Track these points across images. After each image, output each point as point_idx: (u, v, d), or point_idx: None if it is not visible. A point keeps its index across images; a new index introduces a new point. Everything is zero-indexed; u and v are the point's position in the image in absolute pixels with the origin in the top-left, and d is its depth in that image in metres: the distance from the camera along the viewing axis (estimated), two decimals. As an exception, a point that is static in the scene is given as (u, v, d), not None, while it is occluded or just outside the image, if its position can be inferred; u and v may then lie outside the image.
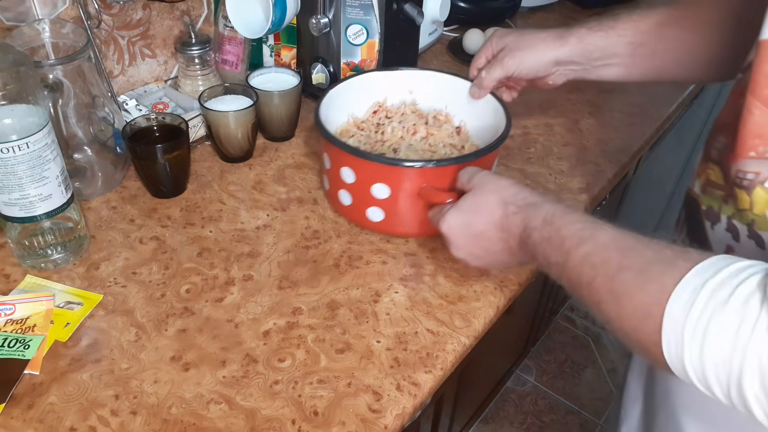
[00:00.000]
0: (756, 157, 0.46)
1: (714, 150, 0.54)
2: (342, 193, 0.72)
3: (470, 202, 0.58)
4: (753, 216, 0.47)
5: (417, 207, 0.69)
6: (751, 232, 0.48)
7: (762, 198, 0.46)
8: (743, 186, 0.48)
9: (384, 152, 0.76)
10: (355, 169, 0.69)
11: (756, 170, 0.46)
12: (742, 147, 0.47)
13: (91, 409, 0.56)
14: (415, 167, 0.66)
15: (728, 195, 0.51)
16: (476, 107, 0.80)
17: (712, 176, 0.53)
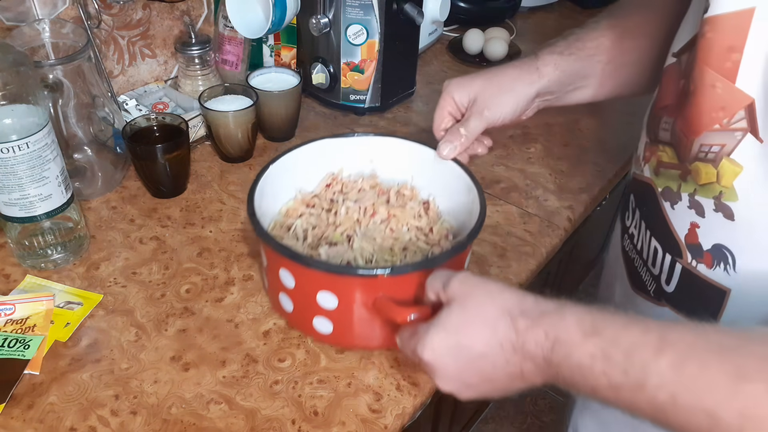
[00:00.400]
0: (720, 129, 0.46)
1: (662, 131, 0.53)
2: (282, 298, 0.60)
3: (457, 318, 0.46)
4: (720, 188, 0.47)
5: (375, 318, 0.57)
6: (717, 205, 0.48)
7: (729, 169, 0.46)
8: (708, 159, 0.47)
9: (336, 240, 0.63)
10: (294, 273, 0.56)
11: (721, 142, 0.46)
12: (704, 121, 0.47)
13: (91, 409, 0.56)
14: (365, 276, 0.54)
15: (685, 172, 0.50)
16: (446, 180, 0.67)
17: (664, 158, 0.53)
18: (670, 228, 0.53)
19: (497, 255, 0.74)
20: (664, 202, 0.54)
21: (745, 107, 0.44)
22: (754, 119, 0.44)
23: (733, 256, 0.49)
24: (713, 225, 0.49)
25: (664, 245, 0.55)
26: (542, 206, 0.83)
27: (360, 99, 0.98)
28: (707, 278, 0.51)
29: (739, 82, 0.44)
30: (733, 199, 0.47)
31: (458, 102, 0.67)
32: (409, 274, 0.54)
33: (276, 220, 0.67)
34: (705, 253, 0.51)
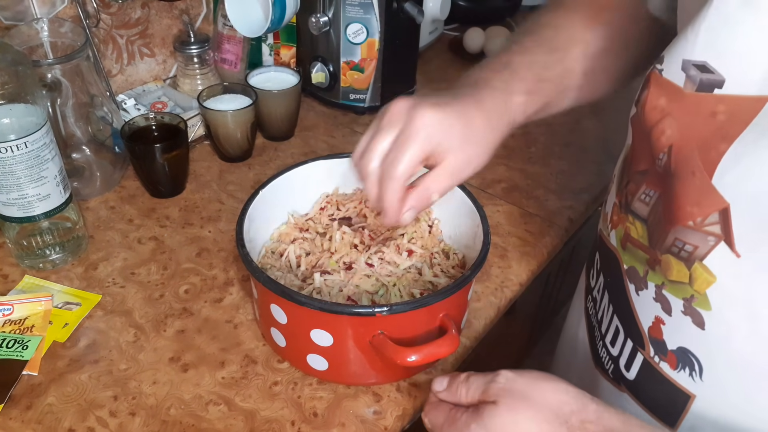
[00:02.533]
0: (694, 228, 0.39)
1: (639, 203, 0.45)
2: (275, 333, 0.58)
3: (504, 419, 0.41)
4: (692, 291, 0.41)
5: (373, 356, 0.54)
6: (687, 308, 0.42)
7: (702, 276, 0.40)
8: (680, 257, 0.41)
9: (332, 268, 0.61)
10: (285, 309, 0.54)
11: (694, 243, 0.39)
12: (681, 212, 0.40)
13: (89, 410, 0.55)
14: (362, 315, 0.51)
15: (654, 261, 0.44)
16: (447, 202, 0.63)
17: (633, 232, 0.46)
18: (634, 314, 0.47)
19: (498, 255, 0.74)
20: (629, 283, 0.47)
21: (719, 210, 0.37)
22: (728, 228, 0.37)
23: (700, 364, 0.43)
24: (680, 327, 0.43)
25: (626, 329, 0.49)
26: (543, 206, 0.82)
27: (360, 98, 0.98)
28: (670, 378, 0.46)
29: (716, 179, 0.37)
30: (706, 308, 0.41)
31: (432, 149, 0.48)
32: (408, 313, 0.51)
33: (267, 246, 0.65)
34: (669, 352, 0.45)
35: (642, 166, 0.45)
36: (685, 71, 0.39)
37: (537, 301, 1.22)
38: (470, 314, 0.66)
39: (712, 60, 0.37)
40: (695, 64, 0.38)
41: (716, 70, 0.37)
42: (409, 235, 0.65)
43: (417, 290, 0.60)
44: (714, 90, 0.37)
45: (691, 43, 0.38)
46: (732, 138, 0.36)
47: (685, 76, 0.39)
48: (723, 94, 0.37)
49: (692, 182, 0.39)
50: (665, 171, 0.41)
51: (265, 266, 0.63)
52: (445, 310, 0.54)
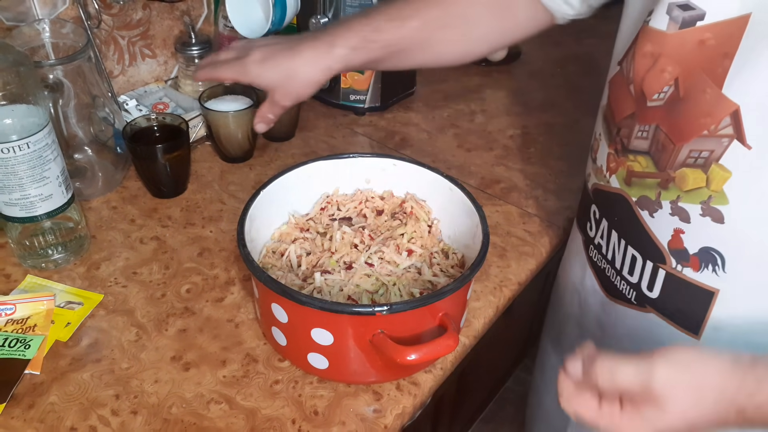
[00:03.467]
0: (709, 135, 0.46)
1: (637, 140, 0.52)
2: (275, 332, 0.58)
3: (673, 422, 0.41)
4: (710, 192, 0.47)
5: (373, 355, 0.54)
6: (705, 209, 0.48)
7: (718, 174, 0.46)
8: (697, 165, 0.47)
9: (332, 267, 0.61)
10: (286, 309, 0.55)
11: (710, 148, 0.46)
12: (694, 126, 0.47)
13: (91, 409, 0.56)
14: (362, 314, 0.52)
15: (666, 180, 0.50)
16: (446, 202, 0.66)
17: (637, 167, 0.53)
18: (650, 236, 0.53)
19: (497, 255, 0.74)
20: (640, 210, 0.54)
21: (730, 114, 0.44)
22: (740, 126, 0.44)
23: (722, 257, 0.49)
24: (700, 229, 0.49)
25: (644, 253, 0.55)
26: (542, 206, 0.83)
27: (360, 99, 0.98)
28: (694, 281, 0.52)
29: (726, 88, 0.44)
30: (724, 203, 0.47)
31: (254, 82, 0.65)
32: (408, 312, 0.51)
33: (268, 245, 0.66)
34: (691, 257, 0.51)
35: (627, 111, 0.53)
36: (669, 14, 0.46)
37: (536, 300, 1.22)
38: (469, 313, 0.66)
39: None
40: (678, 4, 0.45)
41: (697, 5, 0.44)
42: (409, 235, 0.65)
43: (417, 290, 0.60)
44: (696, 23, 0.45)
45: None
46: (732, 54, 0.43)
47: (669, 19, 0.46)
48: (705, 24, 0.44)
49: (703, 98, 0.45)
50: (671, 101, 0.48)
51: (266, 266, 0.63)
52: (444, 309, 0.55)
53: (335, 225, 0.67)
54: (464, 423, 1.34)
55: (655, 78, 0.49)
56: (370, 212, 0.69)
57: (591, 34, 1.29)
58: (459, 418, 1.23)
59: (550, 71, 1.19)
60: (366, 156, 0.70)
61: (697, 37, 0.45)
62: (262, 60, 0.64)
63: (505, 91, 1.10)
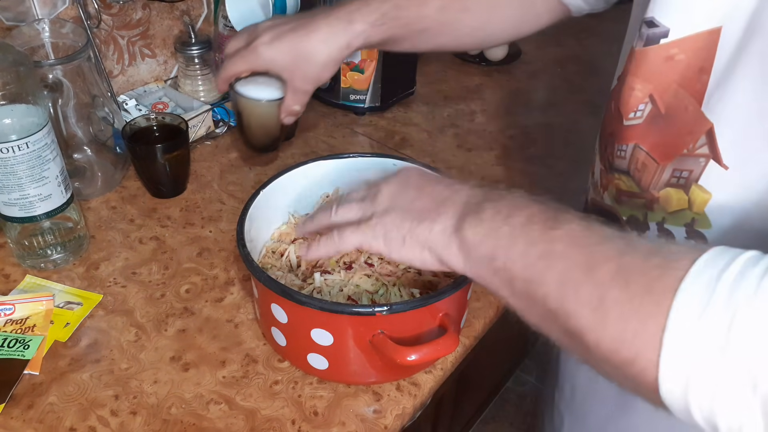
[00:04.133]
0: (688, 154, 0.44)
1: (618, 159, 0.50)
2: (275, 332, 0.58)
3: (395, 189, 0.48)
4: (692, 215, 0.46)
5: (373, 356, 0.55)
6: (689, 233, 0.46)
7: (699, 196, 0.45)
8: (679, 185, 0.46)
9: (332, 268, 0.61)
10: (285, 309, 0.54)
11: (689, 168, 0.45)
12: (678, 144, 0.45)
13: (90, 410, 0.55)
14: (362, 314, 0.52)
15: (651, 201, 0.48)
16: None
17: (623, 186, 0.51)
18: None
19: (497, 255, 0.74)
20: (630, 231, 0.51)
21: (705, 132, 0.43)
22: (714, 145, 0.43)
23: None
24: None
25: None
26: (542, 206, 0.82)
27: (360, 99, 0.98)
28: None
29: (704, 105, 0.43)
30: (707, 227, 0.45)
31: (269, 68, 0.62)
32: (408, 312, 0.51)
33: (268, 245, 0.66)
34: None
35: (609, 129, 0.52)
36: (639, 30, 0.45)
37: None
38: (470, 314, 0.66)
39: (658, 14, 0.43)
40: (645, 21, 0.44)
41: (661, 23, 0.43)
42: None
43: (416, 290, 0.60)
44: (660, 41, 0.43)
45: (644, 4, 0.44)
46: (708, 69, 0.42)
47: (637, 35, 0.45)
48: (670, 40, 0.43)
49: (686, 115, 0.44)
50: (652, 117, 0.47)
51: (266, 266, 0.63)
52: (444, 309, 0.55)
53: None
54: (464, 423, 1.34)
55: (626, 96, 0.48)
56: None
57: (591, 34, 1.29)
58: (459, 419, 1.23)
59: (550, 71, 1.19)
60: (366, 156, 0.69)
61: (662, 54, 0.44)
62: (272, 41, 0.60)
63: (505, 91, 1.10)
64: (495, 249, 0.40)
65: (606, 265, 0.34)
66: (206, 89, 0.97)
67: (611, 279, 0.34)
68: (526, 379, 1.67)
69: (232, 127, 0.95)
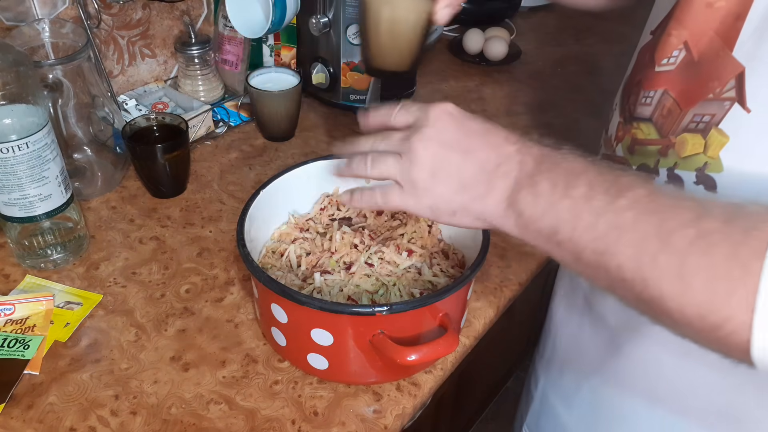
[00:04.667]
0: (713, 98, 0.45)
1: (641, 107, 0.52)
2: (275, 332, 0.58)
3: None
4: (706, 158, 0.46)
5: (373, 356, 0.55)
6: (699, 177, 0.47)
7: (716, 139, 0.45)
8: (697, 129, 0.47)
9: (332, 268, 0.61)
10: (285, 309, 0.54)
11: (712, 112, 0.45)
12: (702, 90, 0.46)
13: (90, 410, 0.55)
14: (362, 314, 0.51)
15: (666, 146, 0.49)
16: None
17: (640, 134, 0.52)
18: None
19: (497, 255, 0.74)
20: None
21: (735, 76, 0.44)
22: (742, 88, 0.44)
23: None
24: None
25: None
26: (542, 206, 0.82)
27: (360, 99, 0.98)
28: None
29: (736, 50, 0.43)
30: (718, 170, 0.46)
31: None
32: (408, 312, 0.51)
33: (268, 245, 0.66)
34: None
35: (637, 77, 0.52)
36: None
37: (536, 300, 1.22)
38: (470, 314, 0.66)
39: None
40: None
41: None
42: (409, 235, 0.65)
43: (417, 290, 0.60)
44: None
45: None
46: (743, 15, 0.42)
47: None
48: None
49: (716, 61, 0.44)
50: (684, 64, 0.47)
51: (266, 266, 0.63)
52: (444, 309, 0.55)
53: (335, 225, 0.66)
54: (465, 423, 1.34)
55: (663, 42, 0.49)
56: (369, 212, 0.69)
57: (591, 34, 1.29)
58: (459, 419, 1.23)
59: (550, 71, 1.19)
60: None
61: (705, 1, 0.45)
62: None
63: (505, 91, 1.10)
64: (557, 223, 0.40)
65: (683, 231, 0.35)
66: (206, 89, 0.97)
67: (690, 245, 0.34)
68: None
69: (232, 127, 0.95)
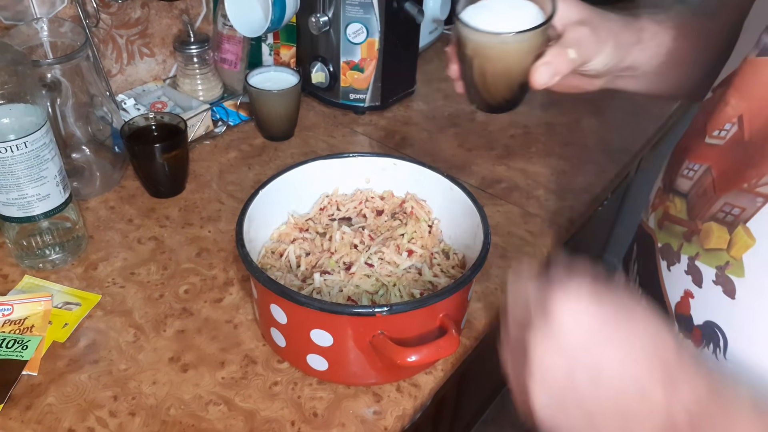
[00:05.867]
0: (747, 190, 0.39)
1: (682, 179, 0.46)
2: (275, 333, 0.58)
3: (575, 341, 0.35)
4: (728, 257, 0.41)
5: (373, 356, 0.54)
6: (719, 277, 0.42)
7: (742, 239, 0.40)
8: (725, 221, 0.41)
9: (332, 268, 0.61)
10: (285, 309, 0.54)
11: (742, 205, 0.40)
12: (738, 177, 0.40)
13: (89, 410, 0.55)
14: (362, 315, 0.51)
15: (692, 231, 0.44)
16: (446, 201, 0.65)
17: (672, 209, 0.47)
18: (663, 291, 0.48)
19: (498, 255, 0.74)
20: (661, 260, 0.48)
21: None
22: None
23: (725, 339, 0.43)
24: (709, 299, 0.43)
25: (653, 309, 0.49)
26: (543, 206, 0.82)
27: (360, 98, 0.98)
28: None
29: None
30: (739, 275, 0.41)
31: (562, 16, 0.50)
32: (408, 313, 0.51)
33: (267, 246, 0.65)
34: (695, 328, 0.45)
35: (686, 143, 0.47)
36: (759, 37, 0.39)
37: (537, 301, 1.22)
38: (470, 314, 0.66)
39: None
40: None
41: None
42: (409, 235, 0.65)
43: (417, 290, 0.59)
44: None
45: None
46: None
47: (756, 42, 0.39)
48: None
49: (763, 147, 0.39)
50: (733, 142, 0.41)
51: (265, 266, 0.63)
52: (445, 310, 0.54)
53: (335, 225, 0.66)
54: (465, 424, 1.34)
55: (719, 111, 0.42)
56: (369, 212, 0.69)
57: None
58: (460, 420, 1.23)
59: (551, 70, 1.19)
60: (366, 155, 0.69)
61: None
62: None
63: (505, 91, 1.10)
64: None
65: None
66: (205, 88, 0.96)
67: None
68: (526, 379, 1.66)
69: (231, 127, 0.94)
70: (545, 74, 0.49)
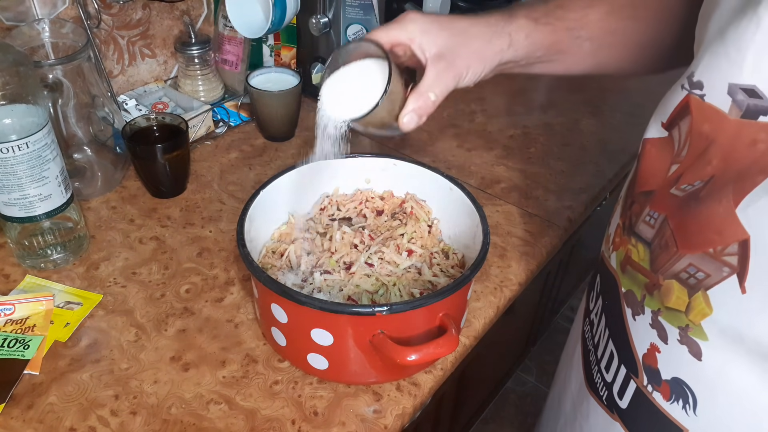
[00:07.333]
0: (712, 255, 0.37)
1: (644, 225, 0.44)
2: (275, 332, 0.58)
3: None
4: (688, 321, 0.40)
5: (373, 356, 0.54)
6: (683, 338, 0.40)
7: (700, 305, 0.38)
8: (687, 283, 0.39)
9: (332, 268, 0.61)
10: (285, 309, 0.54)
11: (708, 271, 0.38)
12: (701, 239, 0.38)
13: (90, 410, 0.55)
14: (362, 314, 0.51)
15: (653, 285, 0.42)
16: (446, 201, 0.66)
17: (635, 255, 0.44)
18: (629, 339, 0.46)
19: (497, 255, 0.74)
20: (626, 307, 0.46)
21: (739, 242, 0.36)
22: (745, 261, 0.36)
23: (694, 397, 0.42)
24: (676, 356, 0.41)
25: (621, 356, 0.47)
26: (542, 206, 0.82)
27: (360, 99, 0.98)
28: (663, 409, 0.44)
29: (740, 208, 0.35)
30: (703, 338, 0.39)
31: (418, 49, 0.52)
32: (408, 312, 0.51)
33: (268, 245, 0.66)
34: (663, 382, 0.43)
35: (648, 186, 0.44)
36: (731, 95, 0.37)
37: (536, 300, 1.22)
38: (470, 314, 0.66)
39: (762, 84, 0.35)
40: (743, 88, 0.36)
41: (765, 95, 0.35)
42: (409, 235, 0.65)
43: (417, 290, 0.60)
44: (759, 117, 0.35)
45: (738, 67, 0.36)
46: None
47: (731, 101, 0.37)
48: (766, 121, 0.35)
49: (717, 210, 0.37)
50: (691, 196, 0.39)
51: (266, 266, 0.63)
52: (444, 309, 0.55)
53: (335, 225, 0.66)
54: (464, 423, 1.34)
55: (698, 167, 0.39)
56: (369, 212, 0.69)
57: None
58: (459, 419, 1.23)
59: (551, 71, 1.19)
60: (366, 156, 0.69)
61: (752, 135, 0.35)
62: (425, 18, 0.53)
63: (505, 91, 1.10)
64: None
65: None
66: (206, 89, 0.97)
67: None
68: (526, 379, 1.67)
69: (232, 127, 0.95)
70: (412, 122, 0.55)
